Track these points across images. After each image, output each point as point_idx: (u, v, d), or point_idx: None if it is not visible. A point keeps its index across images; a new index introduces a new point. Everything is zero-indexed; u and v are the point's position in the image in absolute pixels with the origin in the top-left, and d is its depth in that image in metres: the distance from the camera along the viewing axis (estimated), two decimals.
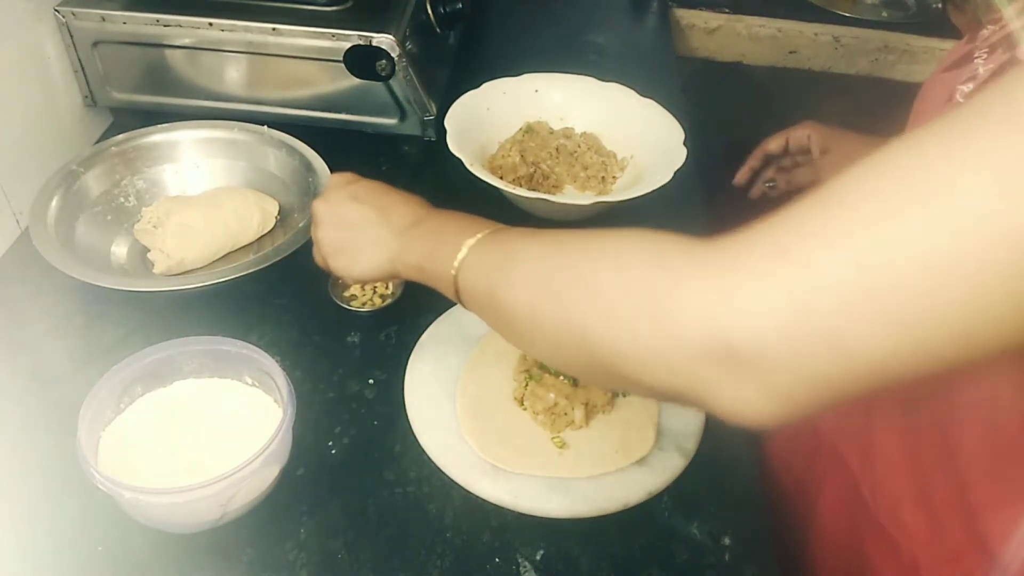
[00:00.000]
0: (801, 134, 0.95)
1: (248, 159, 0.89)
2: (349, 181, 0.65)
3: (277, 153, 0.87)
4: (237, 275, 0.72)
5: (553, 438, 0.67)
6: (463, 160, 0.84)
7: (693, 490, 0.66)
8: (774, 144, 0.98)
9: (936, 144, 0.33)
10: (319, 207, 0.64)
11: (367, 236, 0.61)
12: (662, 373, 0.39)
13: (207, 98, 0.96)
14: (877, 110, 1.48)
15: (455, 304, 0.78)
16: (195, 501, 0.55)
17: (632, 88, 1.00)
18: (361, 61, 0.90)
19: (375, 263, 0.61)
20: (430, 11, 1.02)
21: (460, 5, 1.05)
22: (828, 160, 0.93)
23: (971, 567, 0.55)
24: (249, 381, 0.66)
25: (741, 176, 1.01)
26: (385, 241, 0.60)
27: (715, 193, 1.01)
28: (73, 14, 0.89)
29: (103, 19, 0.89)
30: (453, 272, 0.53)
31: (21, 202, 0.83)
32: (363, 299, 0.79)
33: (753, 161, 1.00)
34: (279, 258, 0.74)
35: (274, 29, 0.89)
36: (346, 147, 0.95)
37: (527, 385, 0.69)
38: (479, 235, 0.53)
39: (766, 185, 1.01)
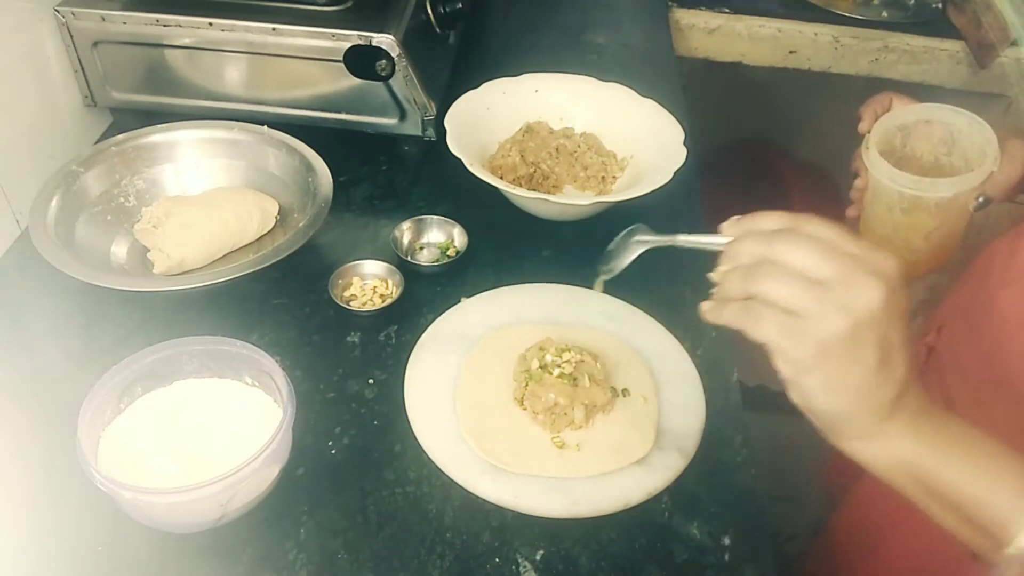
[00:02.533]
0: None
1: (248, 159, 0.89)
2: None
3: (277, 153, 0.87)
4: (237, 275, 0.72)
5: (553, 438, 0.67)
6: (463, 160, 0.84)
7: (693, 490, 0.66)
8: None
9: None
10: (882, 288, 0.43)
11: (876, 381, 0.45)
12: None
13: (207, 98, 0.96)
14: None
15: (455, 304, 0.80)
16: (195, 501, 0.55)
17: (632, 88, 1.00)
18: (361, 61, 0.90)
19: (847, 410, 0.46)
20: (430, 11, 1.02)
21: (460, 5, 1.05)
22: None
23: None
24: (249, 381, 0.66)
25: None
26: (882, 404, 0.45)
27: (715, 193, 1.00)
28: (73, 14, 0.89)
29: (103, 19, 0.89)
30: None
31: (21, 202, 0.83)
32: (363, 299, 0.79)
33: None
34: (279, 258, 0.74)
35: (274, 29, 0.89)
36: (346, 147, 0.95)
37: (527, 385, 0.69)
38: None
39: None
